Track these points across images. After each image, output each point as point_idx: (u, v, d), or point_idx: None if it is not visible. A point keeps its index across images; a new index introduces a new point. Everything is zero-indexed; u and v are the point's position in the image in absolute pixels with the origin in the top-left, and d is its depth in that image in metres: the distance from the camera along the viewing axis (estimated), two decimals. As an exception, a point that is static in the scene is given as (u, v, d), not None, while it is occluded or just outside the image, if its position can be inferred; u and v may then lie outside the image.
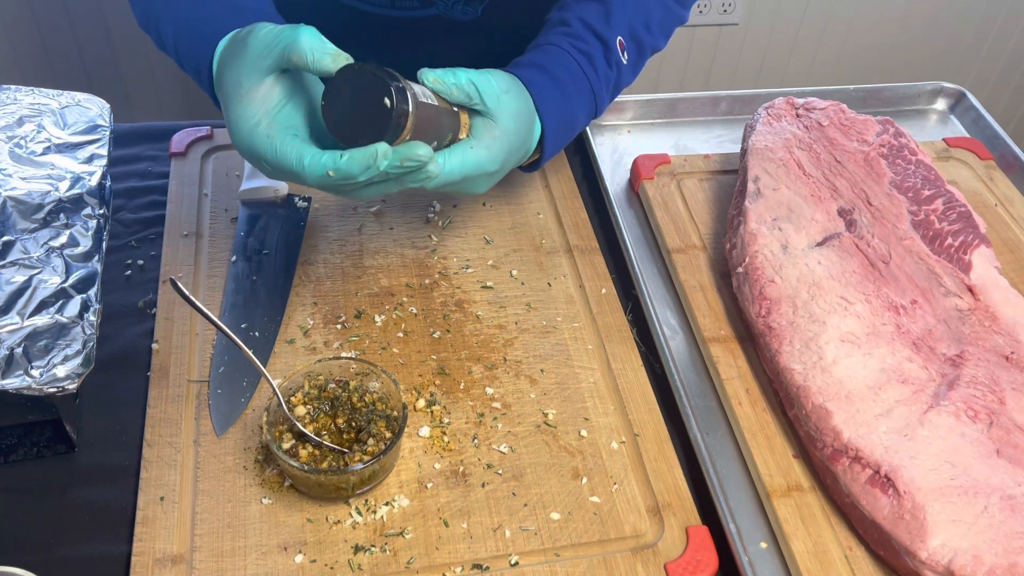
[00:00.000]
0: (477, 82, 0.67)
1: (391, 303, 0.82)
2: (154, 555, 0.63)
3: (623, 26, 0.83)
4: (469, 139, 0.68)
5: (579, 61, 0.80)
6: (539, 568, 0.64)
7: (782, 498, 0.68)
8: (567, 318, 0.82)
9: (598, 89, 0.81)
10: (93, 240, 0.77)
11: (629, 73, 0.85)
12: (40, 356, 0.67)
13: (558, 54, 0.80)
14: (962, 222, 0.81)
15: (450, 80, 0.65)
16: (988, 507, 0.61)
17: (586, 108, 0.81)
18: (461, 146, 0.67)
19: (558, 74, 0.78)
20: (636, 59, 0.85)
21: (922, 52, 2.14)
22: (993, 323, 0.74)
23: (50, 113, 0.87)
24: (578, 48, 0.80)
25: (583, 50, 0.80)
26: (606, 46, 0.81)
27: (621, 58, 0.82)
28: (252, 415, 0.72)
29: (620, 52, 0.82)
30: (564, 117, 0.78)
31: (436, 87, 0.65)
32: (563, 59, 0.79)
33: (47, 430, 0.69)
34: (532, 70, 0.77)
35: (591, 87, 0.80)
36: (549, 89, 0.77)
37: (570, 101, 0.79)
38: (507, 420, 0.73)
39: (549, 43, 0.81)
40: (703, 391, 0.77)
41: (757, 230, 0.80)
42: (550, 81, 0.77)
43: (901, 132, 0.90)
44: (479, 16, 0.96)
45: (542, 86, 0.76)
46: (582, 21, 0.82)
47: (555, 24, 0.83)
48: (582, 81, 0.80)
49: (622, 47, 0.82)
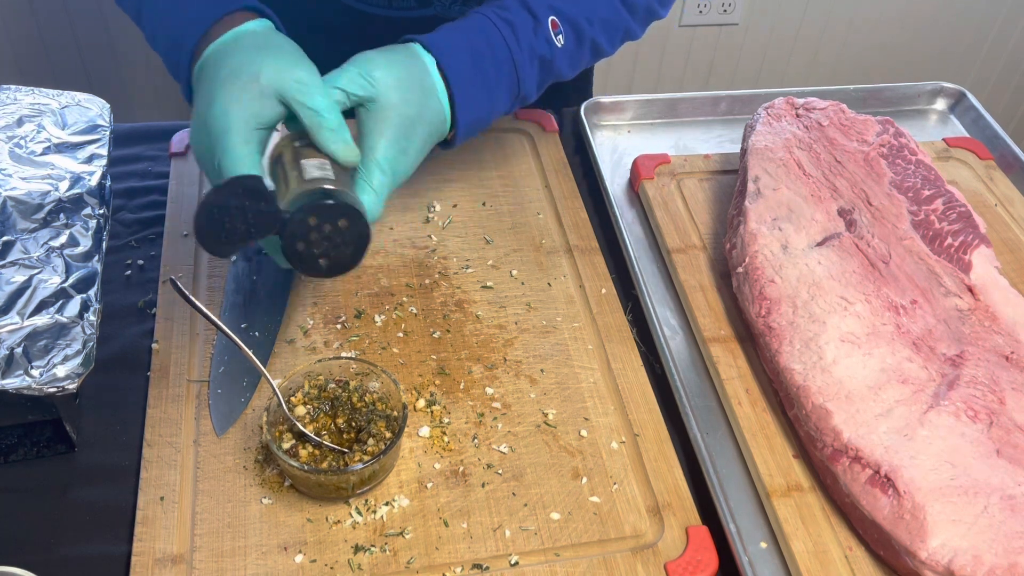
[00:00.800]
0: (342, 85, 0.67)
1: (391, 303, 0.82)
2: (154, 555, 0.63)
3: (560, 6, 0.78)
4: (363, 147, 0.67)
5: (499, 27, 0.75)
6: (539, 568, 0.64)
7: (782, 498, 0.68)
8: (567, 318, 0.82)
9: (520, 61, 0.76)
10: (93, 240, 0.77)
11: (565, 60, 0.79)
12: (40, 356, 0.67)
13: (476, 19, 0.76)
14: (962, 222, 0.81)
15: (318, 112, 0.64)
16: (988, 507, 0.61)
17: (505, 79, 0.76)
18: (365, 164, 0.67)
19: (471, 38, 0.74)
20: (574, 48, 0.80)
21: (922, 52, 2.14)
22: (993, 323, 0.74)
23: (50, 113, 0.87)
24: (501, 17, 0.76)
25: (506, 19, 0.76)
26: (535, 19, 0.76)
27: (552, 37, 0.77)
28: (252, 415, 0.72)
29: (552, 31, 0.77)
30: (475, 80, 0.74)
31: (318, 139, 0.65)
32: (479, 23, 0.75)
33: (47, 430, 0.68)
34: (438, 34, 0.74)
35: (511, 57, 0.75)
36: (455, 49, 0.73)
37: (482, 62, 0.74)
38: (507, 420, 0.73)
39: (472, 12, 0.77)
40: (703, 391, 0.77)
41: (757, 230, 0.80)
42: (459, 40, 0.73)
43: (901, 132, 0.90)
44: None
45: (444, 46, 0.72)
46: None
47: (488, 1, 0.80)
48: (501, 50, 0.75)
49: (555, 27, 0.77)
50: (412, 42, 0.73)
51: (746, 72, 2.09)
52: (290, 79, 0.63)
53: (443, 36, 0.74)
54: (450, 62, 0.72)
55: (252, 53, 0.65)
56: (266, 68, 0.63)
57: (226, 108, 0.63)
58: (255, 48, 0.65)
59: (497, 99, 0.77)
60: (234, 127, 0.62)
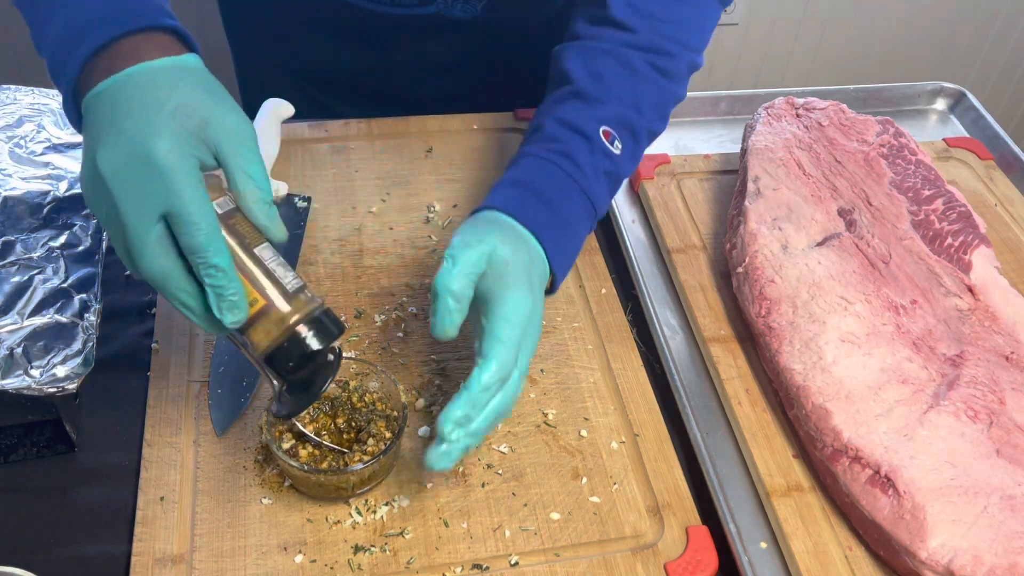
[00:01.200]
0: (456, 295, 0.63)
1: (391, 303, 0.81)
2: (154, 555, 0.63)
3: (607, 114, 0.76)
4: (489, 330, 0.63)
5: (558, 164, 0.73)
6: (539, 568, 0.64)
7: (782, 498, 0.68)
8: (567, 318, 0.82)
9: (587, 186, 0.73)
10: (93, 240, 0.77)
11: (628, 162, 0.77)
12: (40, 356, 0.67)
13: (532, 164, 0.73)
14: (962, 222, 0.81)
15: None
16: (988, 507, 0.61)
17: (580, 210, 0.73)
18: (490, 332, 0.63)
19: (537, 187, 0.72)
20: (632, 146, 0.77)
21: (922, 52, 2.14)
22: (993, 323, 0.74)
23: (50, 113, 0.87)
24: (555, 150, 0.74)
25: (561, 151, 0.73)
26: (587, 138, 0.74)
27: (609, 148, 0.75)
28: (252, 415, 0.72)
29: (607, 142, 0.75)
30: (556, 225, 0.71)
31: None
32: (538, 167, 0.73)
33: (47, 430, 0.68)
34: (503, 194, 0.71)
35: (579, 187, 0.73)
36: (526, 206, 0.70)
37: (557, 207, 0.71)
38: (507, 420, 0.73)
39: (523, 155, 0.75)
40: (703, 391, 0.77)
41: (757, 230, 0.80)
42: (527, 194, 0.71)
43: (901, 132, 0.90)
44: (479, 15, 0.96)
45: (516, 204, 0.70)
46: (557, 120, 0.75)
47: (531, 132, 0.77)
48: (567, 184, 0.73)
49: (608, 136, 0.75)
50: (483, 211, 0.70)
51: (746, 72, 2.09)
52: (236, 139, 0.56)
53: (510, 196, 0.71)
54: (529, 219, 0.69)
55: (201, 94, 0.56)
56: (215, 117, 0.55)
57: (179, 144, 0.53)
58: (203, 90, 0.57)
59: (579, 231, 0.74)
60: (185, 167, 0.53)
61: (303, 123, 0.98)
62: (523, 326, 0.63)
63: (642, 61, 0.78)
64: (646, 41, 0.78)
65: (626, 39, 0.78)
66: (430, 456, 0.60)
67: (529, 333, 0.64)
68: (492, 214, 0.69)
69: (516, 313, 0.63)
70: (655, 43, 0.79)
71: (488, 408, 0.62)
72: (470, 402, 0.60)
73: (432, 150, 0.97)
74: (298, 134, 0.97)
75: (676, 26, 0.80)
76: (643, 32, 0.78)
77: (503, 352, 0.62)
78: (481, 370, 0.61)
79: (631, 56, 0.78)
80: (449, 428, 0.60)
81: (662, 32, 0.79)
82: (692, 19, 0.81)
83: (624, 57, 0.78)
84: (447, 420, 0.60)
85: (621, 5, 0.79)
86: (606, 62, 0.78)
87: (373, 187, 0.92)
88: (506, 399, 0.62)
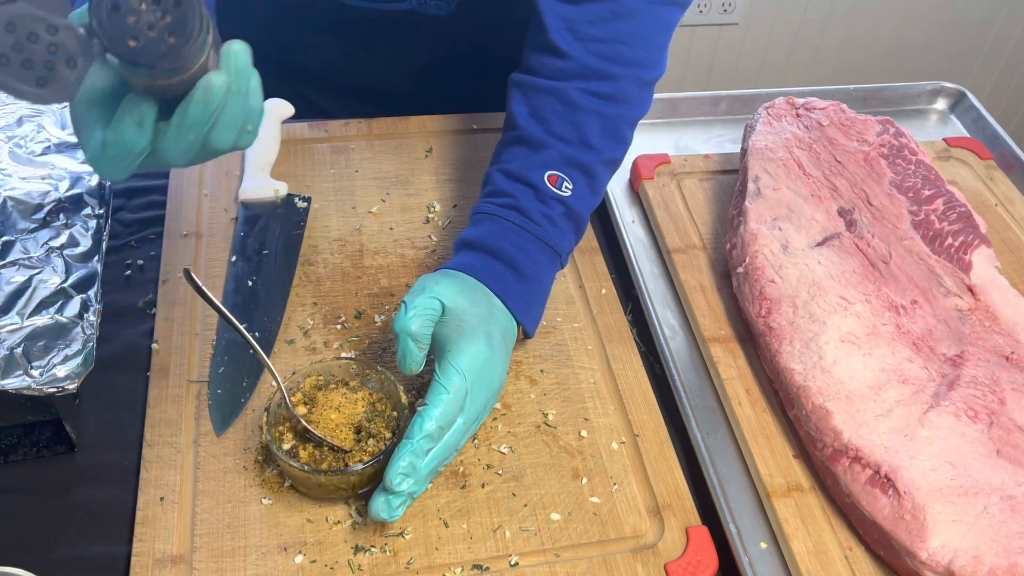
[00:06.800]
0: (419, 339, 0.65)
1: (391, 303, 0.81)
2: (154, 555, 0.63)
3: (550, 158, 0.76)
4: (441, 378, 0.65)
5: (507, 217, 0.74)
6: (539, 568, 0.64)
7: (782, 498, 0.68)
8: (567, 318, 0.82)
9: (543, 234, 0.74)
10: (93, 240, 0.77)
11: (586, 199, 0.78)
12: (40, 356, 0.67)
13: (487, 223, 0.75)
14: (962, 222, 0.81)
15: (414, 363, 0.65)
16: (988, 507, 0.61)
17: (542, 257, 0.74)
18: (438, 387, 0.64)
19: (492, 244, 0.73)
20: (587, 182, 0.77)
21: (922, 52, 2.14)
22: (993, 323, 0.74)
23: (50, 113, 0.87)
24: (505, 204, 0.75)
25: (510, 205, 0.75)
26: (534, 188, 0.75)
27: (557, 192, 0.75)
28: (252, 415, 0.72)
29: (553, 187, 0.75)
30: (517, 280, 0.72)
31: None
32: (489, 226, 0.74)
33: (47, 430, 0.68)
34: (462, 258, 0.73)
35: (534, 236, 0.74)
36: (487, 267, 0.72)
37: (515, 265, 0.73)
38: (507, 420, 0.73)
39: (477, 211, 0.76)
40: (703, 391, 0.77)
41: (757, 230, 0.80)
42: (483, 256, 0.72)
43: (901, 132, 0.90)
44: (453, 11, 0.96)
45: (476, 265, 0.71)
46: (503, 173, 0.77)
47: (484, 185, 0.79)
48: (521, 237, 0.74)
49: (555, 181, 0.75)
50: (445, 271, 0.71)
51: (746, 72, 2.09)
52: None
53: (467, 260, 0.72)
54: (488, 280, 0.71)
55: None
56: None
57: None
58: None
59: (544, 278, 0.75)
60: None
61: (303, 123, 0.98)
62: (474, 376, 0.65)
63: (582, 93, 0.77)
64: (582, 68, 0.78)
65: (564, 68, 0.78)
66: (375, 506, 0.62)
67: (482, 382, 0.66)
68: (451, 271, 0.71)
69: (467, 363, 0.65)
70: (593, 67, 0.78)
71: (429, 456, 0.63)
72: (412, 451, 0.62)
73: (432, 150, 0.97)
74: (298, 134, 0.97)
75: (615, 45, 0.78)
76: (580, 57, 0.78)
77: (446, 401, 0.63)
78: (423, 418, 0.63)
79: (570, 91, 0.77)
80: (397, 480, 0.61)
81: (600, 54, 0.78)
82: (634, 34, 0.79)
83: (563, 93, 0.77)
84: (394, 473, 0.61)
85: (560, 29, 0.78)
86: (546, 103, 0.78)
87: (373, 187, 0.92)
88: (447, 447, 0.64)
